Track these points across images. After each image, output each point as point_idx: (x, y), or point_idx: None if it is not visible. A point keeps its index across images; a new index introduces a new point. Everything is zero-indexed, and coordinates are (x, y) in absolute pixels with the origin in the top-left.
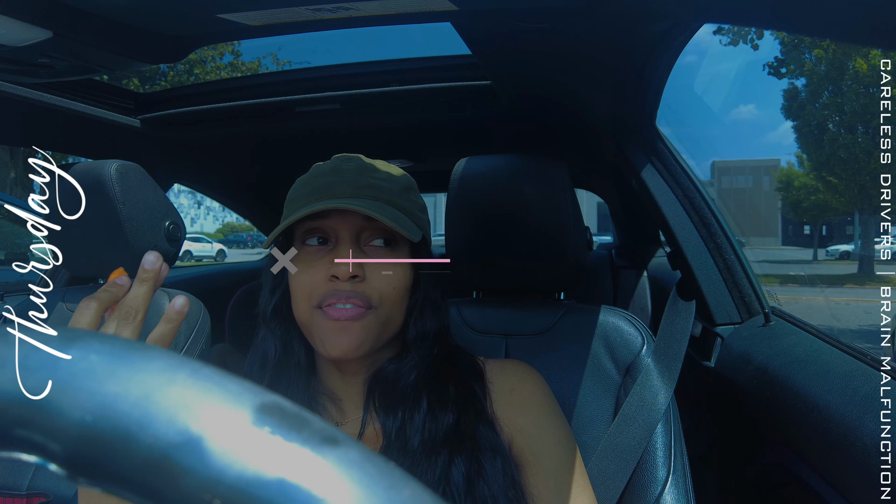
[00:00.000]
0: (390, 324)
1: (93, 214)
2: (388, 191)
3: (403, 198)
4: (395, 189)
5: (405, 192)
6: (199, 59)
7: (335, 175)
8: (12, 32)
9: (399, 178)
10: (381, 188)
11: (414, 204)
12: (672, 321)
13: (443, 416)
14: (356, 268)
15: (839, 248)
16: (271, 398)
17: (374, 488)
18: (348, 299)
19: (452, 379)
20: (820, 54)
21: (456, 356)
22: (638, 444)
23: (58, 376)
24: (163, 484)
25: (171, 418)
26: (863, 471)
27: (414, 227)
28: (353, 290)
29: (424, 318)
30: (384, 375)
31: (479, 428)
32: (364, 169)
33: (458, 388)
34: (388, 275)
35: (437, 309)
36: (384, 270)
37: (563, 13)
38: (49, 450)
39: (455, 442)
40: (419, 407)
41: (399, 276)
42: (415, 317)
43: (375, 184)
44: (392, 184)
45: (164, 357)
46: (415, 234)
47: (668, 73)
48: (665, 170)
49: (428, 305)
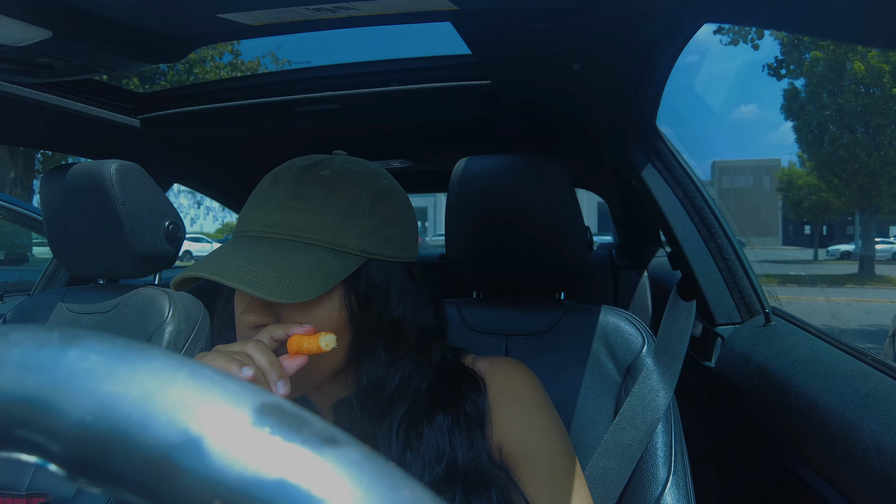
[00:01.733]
0: (318, 366)
1: (93, 214)
2: (307, 224)
3: (333, 226)
4: (320, 220)
5: (340, 218)
6: (199, 59)
7: (262, 197)
8: (12, 32)
9: (337, 201)
10: (295, 223)
11: (354, 228)
12: (672, 321)
13: (426, 453)
14: (262, 316)
15: (839, 248)
16: (271, 398)
17: (374, 488)
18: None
19: (441, 405)
20: (818, 55)
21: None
22: (638, 443)
23: (58, 376)
24: (163, 484)
25: (170, 418)
26: (863, 471)
27: (326, 271)
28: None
29: (374, 354)
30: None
31: (471, 461)
32: (291, 197)
33: (447, 413)
34: (301, 318)
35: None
36: (300, 314)
37: (563, 13)
38: (49, 450)
39: (442, 481)
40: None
41: (319, 318)
42: (358, 351)
43: (291, 218)
44: (319, 213)
45: (164, 357)
46: (314, 286)
47: (668, 73)
48: (665, 169)
49: (378, 337)
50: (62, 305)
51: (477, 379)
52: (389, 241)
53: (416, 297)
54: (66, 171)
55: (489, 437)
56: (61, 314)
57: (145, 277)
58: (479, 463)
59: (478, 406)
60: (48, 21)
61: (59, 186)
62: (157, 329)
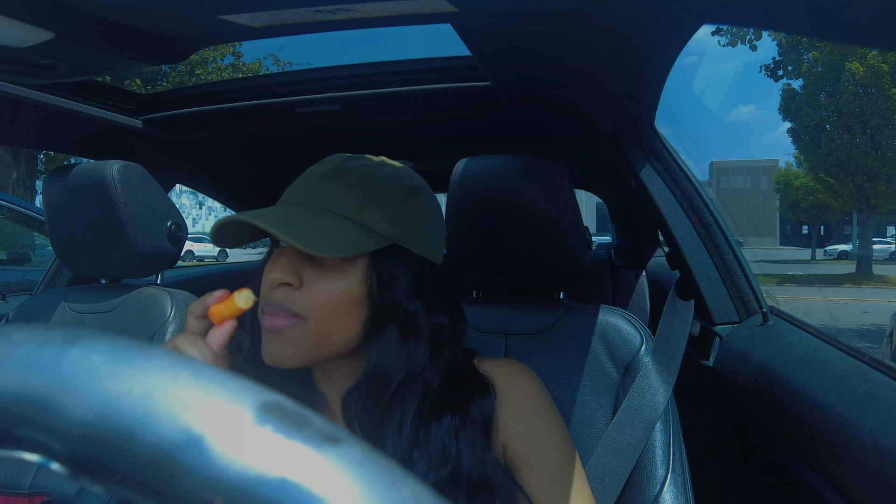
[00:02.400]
0: (330, 337)
1: (95, 215)
2: (342, 199)
3: (366, 206)
4: (356, 197)
5: (373, 200)
6: (201, 60)
7: (305, 177)
8: (14, 33)
9: (373, 183)
10: (332, 197)
11: (384, 212)
12: (671, 320)
13: (433, 453)
14: (288, 275)
15: (837, 247)
16: (273, 397)
17: (375, 486)
18: (276, 310)
19: (450, 407)
20: (816, 56)
21: (460, 376)
22: (637, 442)
23: (60, 375)
24: (165, 483)
25: (172, 417)
26: (860, 469)
27: (354, 241)
28: (280, 301)
29: (384, 335)
30: (356, 390)
31: (476, 467)
32: (334, 173)
33: (454, 416)
34: (326, 284)
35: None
36: (324, 279)
37: (562, 14)
38: (51, 449)
39: (446, 484)
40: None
41: (339, 288)
42: (368, 332)
43: (330, 192)
44: (357, 189)
45: (166, 356)
46: (342, 248)
47: (666, 74)
48: (664, 170)
49: (391, 321)
50: (64, 305)
51: (487, 384)
52: (416, 234)
53: (434, 294)
54: (68, 172)
55: (494, 440)
56: (64, 314)
57: (148, 277)
58: (483, 470)
59: (484, 411)
60: (50, 22)
61: (62, 187)
62: (160, 329)
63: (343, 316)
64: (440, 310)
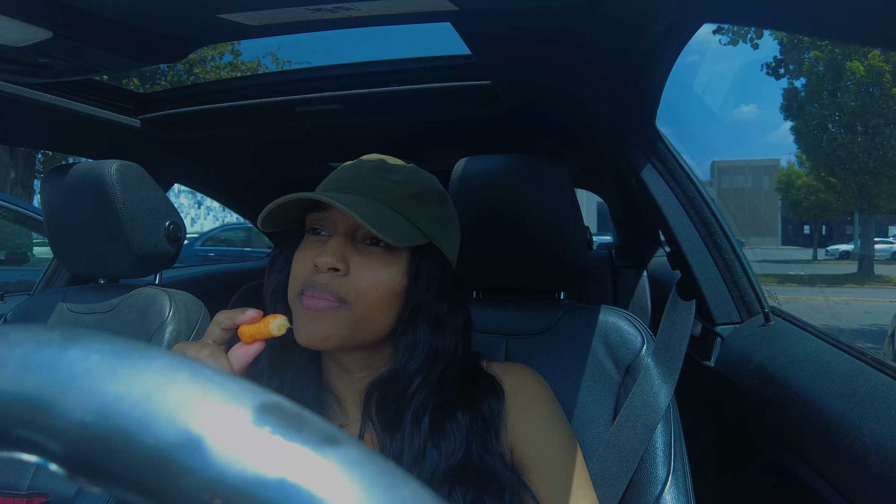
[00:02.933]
0: (368, 324)
1: (93, 214)
2: (394, 192)
3: (412, 203)
4: (403, 192)
5: (417, 198)
6: (199, 59)
7: (350, 170)
8: (13, 32)
9: (415, 183)
10: (385, 188)
11: (426, 211)
12: (672, 321)
13: (446, 447)
14: (337, 260)
15: (839, 247)
16: (271, 398)
17: (374, 488)
18: (321, 292)
19: (462, 403)
20: (818, 55)
21: (471, 376)
22: (639, 443)
23: (58, 376)
24: (163, 483)
25: (171, 418)
26: (862, 470)
27: (406, 232)
28: (327, 284)
29: (417, 329)
30: (380, 382)
31: (485, 461)
32: (380, 168)
33: (466, 412)
34: (371, 272)
35: (439, 324)
36: (369, 268)
37: (563, 13)
38: (50, 449)
39: (456, 476)
40: (419, 431)
41: (384, 277)
42: (405, 325)
43: (382, 184)
44: (403, 186)
45: (165, 357)
46: (399, 237)
47: (667, 73)
48: (665, 169)
49: (423, 316)
50: (63, 305)
51: (496, 385)
52: (448, 237)
53: (456, 295)
54: (66, 172)
55: (503, 440)
56: (62, 314)
57: (146, 277)
58: (493, 465)
59: (494, 410)
60: (49, 21)
61: (60, 186)
62: (158, 329)
63: (383, 306)
64: (460, 310)
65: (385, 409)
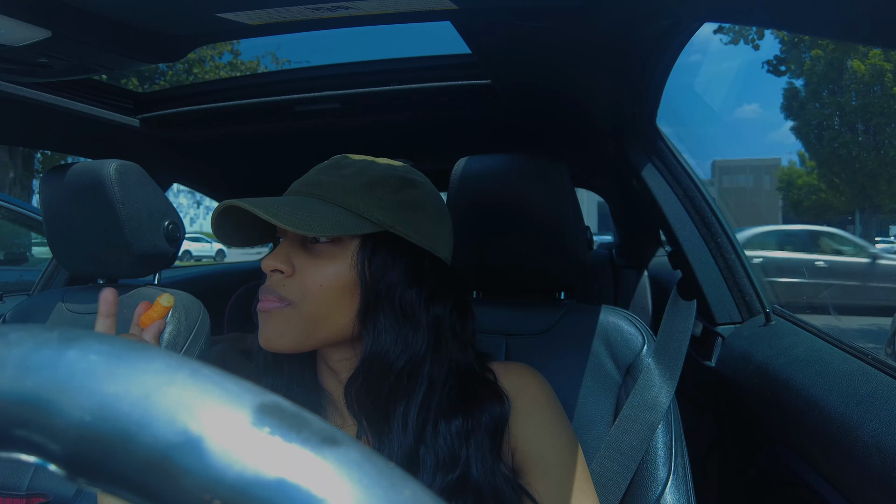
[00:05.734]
0: (322, 320)
1: (92, 214)
2: (335, 186)
3: (358, 194)
4: (348, 185)
5: (366, 188)
6: (198, 59)
7: (310, 172)
8: (11, 32)
9: (367, 174)
10: (326, 184)
11: (376, 200)
12: (673, 321)
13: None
14: (280, 263)
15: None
16: (271, 398)
17: (374, 489)
18: (267, 294)
19: (461, 411)
20: (818, 54)
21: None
22: (640, 444)
23: (57, 376)
24: (162, 484)
25: (170, 418)
26: (863, 470)
27: (340, 223)
28: (272, 286)
29: (378, 320)
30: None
31: (485, 476)
32: (330, 166)
33: (464, 420)
34: (316, 270)
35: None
36: (314, 266)
37: (563, 12)
38: (48, 450)
39: (454, 492)
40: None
41: (329, 273)
42: (363, 317)
43: (324, 180)
44: (350, 180)
45: (164, 357)
46: (324, 229)
47: (668, 72)
48: (665, 169)
49: (385, 306)
50: (62, 305)
51: (499, 392)
52: (413, 223)
53: (435, 285)
54: (65, 171)
55: (504, 445)
56: (61, 314)
57: (145, 277)
58: (493, 480)
59: (495, 418)
60: (47, 20)
61: (59, 186)
62: None
63: (334, 301)
64: (441, 302)
65: (365, 404)
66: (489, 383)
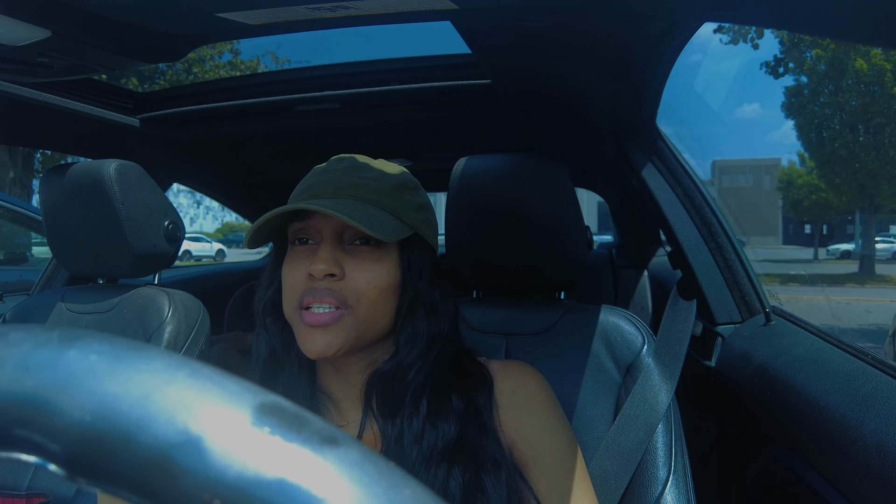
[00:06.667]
0: (372, 324)
1: (92, 214)
2: (373, 190)
3: (392, 196)
4: (381, 188)
5: (395, 191)
6: (198, 58)
7: (323, 175)
8: (11, 32)
9: (391, 177)
10: (363, 187)
11: (406, 202)
12: (673, 320)
13: (443, 427)
14: (332, 266)
15: (840, 247)
16: (271, 398)
17: (374, 488)
18: (323, 298)
19: (456, 389)
20: (819, 53)
21: (463, 364)
22: (639, 444)
23: (57, 376)
24: (162, 484)
25: (170, 418)
26: (863, 470)
27: (393, 227)
28: (329, 289)
29: (416, 319)
30: (381, 375)
31: (480, 441)
32: (353, 168)
33: (461, 398)
34: (366, 273)
35: (434, 311)
36: (363, 269)
37: (563, 12)
38: (48, 450)
39: (455, 454)
40: (418, 413)
41: (379, 275)
42: (404, 317)
43: (359, 183)
44: (380, 182)
45: (164, 357)
46: (390, 233)
47: (668, 72)
48: (666, 169)
49: (420, 306)
50: (61, 305)
51: (485, 375)
52: (428, 224)
53: (445, 282)
54: (65, 171)
55: (499, 433)
56: (61, 314)
57: (145, 277)
58: (488, 445)
59: (485, 399)
60: (47, 20)
61: (59, 186)
62: (157, 329)
63: (383, 302)
64: (451, 297)
65: (386, 400)
66: (476, 364)
